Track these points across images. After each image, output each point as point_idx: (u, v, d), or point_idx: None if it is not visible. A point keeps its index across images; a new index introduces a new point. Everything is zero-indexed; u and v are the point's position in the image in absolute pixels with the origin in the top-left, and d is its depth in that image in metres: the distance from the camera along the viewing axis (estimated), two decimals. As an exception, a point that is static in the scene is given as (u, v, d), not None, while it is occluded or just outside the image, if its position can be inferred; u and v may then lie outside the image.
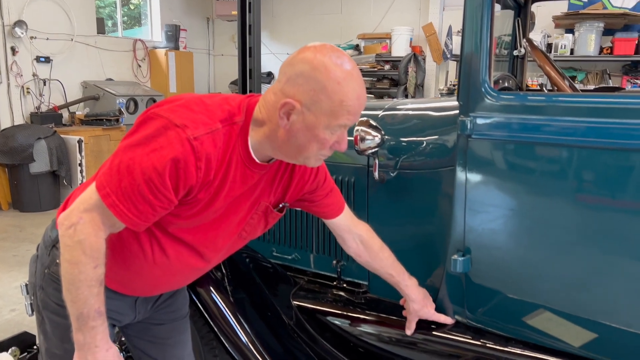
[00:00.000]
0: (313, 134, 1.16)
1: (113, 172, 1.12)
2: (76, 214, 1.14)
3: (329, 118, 1.15)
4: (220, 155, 1.17)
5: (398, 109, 1.97)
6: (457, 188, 1.55)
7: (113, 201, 1.11)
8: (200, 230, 1.29)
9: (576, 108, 1.38)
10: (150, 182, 1.09)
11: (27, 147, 5.39)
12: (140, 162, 1.09)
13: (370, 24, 7.79)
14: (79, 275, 1.13)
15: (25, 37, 6.12)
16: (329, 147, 1.20)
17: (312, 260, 2.09)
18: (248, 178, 1.26)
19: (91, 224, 1.13)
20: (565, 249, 1.46)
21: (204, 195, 1.19)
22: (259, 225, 1.41)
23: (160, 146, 1.09)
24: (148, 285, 1.40)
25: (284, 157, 1.26)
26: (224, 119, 1.18)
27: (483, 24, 1.43)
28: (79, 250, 1.13)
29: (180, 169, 1.10)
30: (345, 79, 1.14)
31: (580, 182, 1.41)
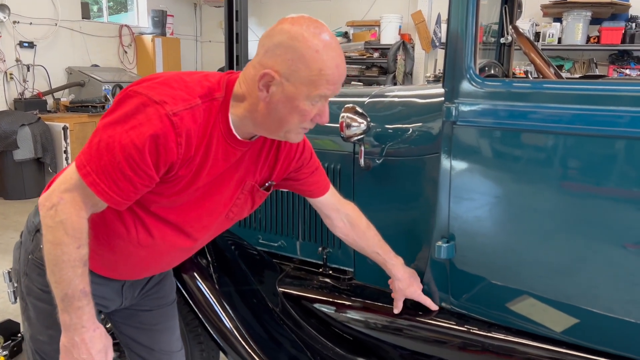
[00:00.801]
0: (293, 105, 1.15)
1: (92, 150, 1.11)
2: (57, 195, 1.13)
3: (309, 88, 1.13)
4: (201, 132, 1.16)
5: (384, 95, 1.96)
6: (442, 175, 1.55)
7: (93, 179, 1.10)
8: (184, 210, 1.28)
9: (561, 95, 1.38)
10: (130, 159, 1.09)
11: (11, 134, 5.31)
12: (120, 140, 1.08)
13: (359, 11, 7.74)
14: (62, 256, 1.13)
15: (8, 22, 5.99)
16: (310, 119, 1.19)
17: (298, 247, 2.09)
18: (230, 155, 1.25)
19: (72, 204, 1.12)
20: (549, 236, 1.47)
21: (184, 172, 1.18)
22: (246, 205, 1.41)
23: (140, 123, 1.09)
24: (135, 267, 1.39)
25: (265, 132, 1.25)
26: (204, 95, 1.17)
27: (469, 10, 1.42)
28: (61, 230, 1.12)
29: (160, 145, 1.09)
30: (323, 48, 1.12)
31: (565, 169, 1.42)
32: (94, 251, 1.27)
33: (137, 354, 1.59)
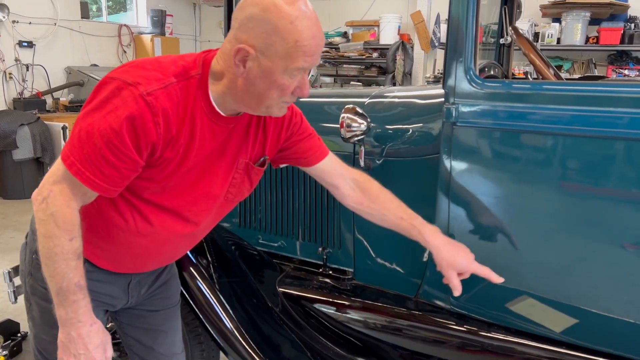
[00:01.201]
0: (271, 79, 1.12)
1: (74, 140, 1.12)
2: (46, 187, 1.13)
3: (285, 61, 1.10)
4: (181, 111, 1.15)
5: (384, 96, 1.97)
6: (442, 175, 1.55)
7: (78, 169, 1.10)
8: (178, 194, 1.26)
9: (561, 96, 1.39)
10: (110, 144, 1.08)
11: (10, 134, 5.30)
12: (98, 126, 1.08)
13: (358, 11, 7.74)
14: (55, 249, 1.12)
15: (7, 21, 5.99)
16: (291, 93, 1.16)
17: (298, 247, 2.10)
18: (216, 133, 1.23)
19: (62, 196, 1.12)
20: (548, 236, 1.48)
21: (170, 154, 1.17)
22: (244, 185, 1.38)
23: (116, 107, 1.08)
24: (139, 258, 1.37)
25: (246, 108, 1.22)
26: (179, 74, 1.15)
27: (469, 11, 1.42)
28: (52, 223, 1.12)
29: (137, 126, 1.09)
30: (298, 18, 1.08)
31: (565, 170, 1.42)
32: (95, 245, 1.28)
33: (139, 355, 1.59)
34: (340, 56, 7.68)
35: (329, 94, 2.34)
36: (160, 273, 1.55)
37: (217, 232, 2.07)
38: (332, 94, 2.37)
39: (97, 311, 1.38)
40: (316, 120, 2.08)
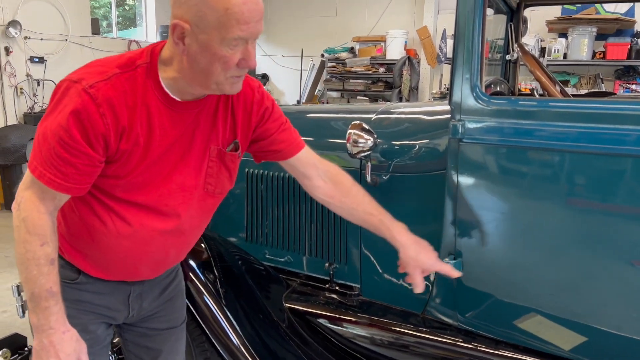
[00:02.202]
0: (211, 53, 1.10)
1: (35, 146, 1.15)
2: (19, 195, 1.17)
3: (220, 31, 1.08)
4: (130, 100, 1.15)
5: (391, 112, 1.98)
6: (449, 191, 1.55)
7: (40, 172, 1.13)
8: (151, 188, 1.24)
9: (567, 113, 1.39)
10: (62, 141, 1.11)
11: (20, 148, 5.36)
12: (50, 127, 1.12)
13: (365, 26, 7.81)
14: (26, 254, 1.13)
15: (19, 37, 6.09)
16: (236, 65, 1.12)
17: (304, 262, 2.10)
18: (177, 121, 1.22)
19: (31, 201, 1.15)
20: (555, 252, 1.47)
21: (127, 145, 1.17)
22: (222, 174, 1.34)
23: (64, 105, 1.11)
24: (127, 263, 1.33)
25: (199, 88, 1.19)
26: (123, 65, 1.17)
27: (475, 29, 1.44)
28: (24, 228, 1.14)
29: (83, 119, 1.10)
30: None
31: (571, 186, 1.42)
32: (85, 253, 1.29)
33: None
34: (347, 71, 7.74)
35: (336, 110, 2.36)
36: (166, 287, 1.52)
37: (223, 247, 2.08)
38: (338, 109, 2.39)
39: (97, 324, 1.38)
40: (323, 135, 2.10)
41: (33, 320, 1.16)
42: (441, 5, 7.20)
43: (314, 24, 8.30)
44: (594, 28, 5.76)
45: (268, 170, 2.15)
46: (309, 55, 8.20)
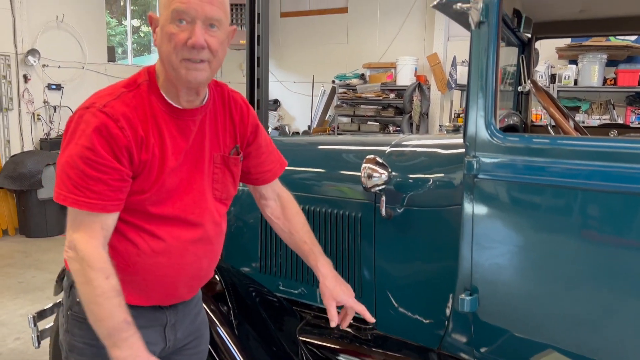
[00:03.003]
0: (164, 32, 1.21)
1: (62, 177, 1.18)
2: (70, 239, 1.19)
3: (167, 9, 1.19)
4: (141, 114, 1.23)
5: (405, 145, 1.99)
6: (465, 227, 1.55)
7: (73, 199, 1.16)
8: (175, 199, 1.30)
9: (580, 151, 1.40)
10: (88, 161, 1.15)
11: (36, 174, 5.44)
12: (74, 152, 1.16)
13: (375, 53, 7.91)
14: (95, 291, 1.16)
15: (38, 65, 6.25)
16: (183, 43, 1.19)
17: (318, 294, 2.09)
18: (184, 128, 1.30)
19: (82, 239, 1.18)
20: (572, 289, 1.46)
21: (147, 155, 1.23)
22: (226, 179, 1.42)
23: (83, 130, 1.17)
24: (167, 283, 1.37)
25: (170, 78, 1.26)
26: (127, 85, 1.26)
27: (489, 66, 1.46)
28: (86, 267, 1.16)
29: (105, 136, 1.16)
30: None
31: (587, 223, 1.42)
32: (123, 282, 1.29)
33: None
34: (357, 97, 7.81)
35: (349, 142, 2.38)
36: (195, 318, 1.54)
37: (237, 278, 2.08)
38: (351, 141, 2.41)
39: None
40: (336, 167, 2.12)
41: (117, 355, 1.17)
42: (451, 32, 7.28)
43: (324, 50, 8.42)
44: (604, 55, 5.78)
45: (282, 201, 2.16)
46: (320, 81, 8.30)
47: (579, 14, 2.17)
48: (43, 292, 4.07)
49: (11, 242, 5.48)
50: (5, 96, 6.01)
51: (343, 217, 1.99)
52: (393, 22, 7.72)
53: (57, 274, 2.08)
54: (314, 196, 2.09)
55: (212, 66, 1.25)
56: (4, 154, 5.99)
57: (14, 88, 6.09)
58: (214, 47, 1.22)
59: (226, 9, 1.26)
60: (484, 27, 1.44)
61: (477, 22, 1.41)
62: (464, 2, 1.41)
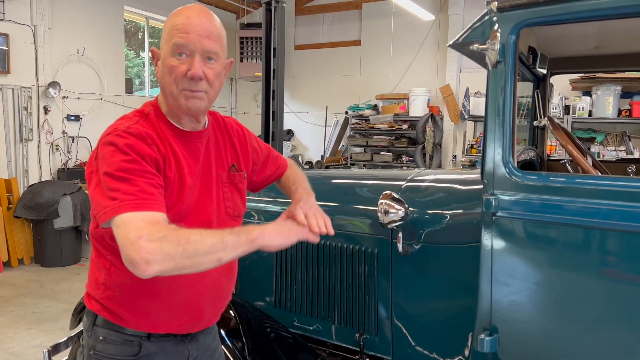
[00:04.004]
0: (164, 65, 1.30)
1: (103, 195, 1.18)
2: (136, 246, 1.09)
3: (167, 43, 1.28)
4: (156, 137, 1.29)
5: (421, 180, 1.99)
6: (484, 265, 1.54)
7: (128, 205, 1.14)
8: (193, 217, 1.34)
9: (598, 191, 1.38)
10: (132, 170, 1.19)
11: (53, 203, 5.51)
12: (112, 169, 1.19)
13: (388, 84, 7.99)
14: (195, 236, 1.14)
15: (58, 97, 6.40)
16: (183, 75, 1.27)
17: (333, 331, 2.07)
18: (193, 149, 1.38)
19: (149, 230, 1.11)
20: (593, 329, 1.43)
21: (170, 173, 1.29)
22: (235, 196, 1.48)
23: (112, 151, 1.22)
24: (193, 305, 1.39)
25: (171, 106, 1.34)
26: (138, 114, 1.35)
27: (506, 106, 1.46)
28: (174, 238, 1.11)
29: (136, 150, 1.22)
30: (179, 11, 1.31)
31: (608, 262, 1.40)
32: (148, 312, 1.33)
33: None
34: (370, 127, 7.86)
35: (364, 176, 2.38)
36: (213, 352, 1.55)
37: (252, 314, 2.07)
38: (366, 175, 2.41)
39: None
40: (351, 202, 2.11)
41: (254, 234, 1.21)
42: (463, 64, 7.34)
43: (338, 82, 8.53)
44: (618, 87, 5.78)
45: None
46: (333, 112, 8.39)
47: (594, 49, 2.18)
48: (57, 322, 4.06)
49: (26, 271, 5.51)
50: (25, 127, 6.14)
51: (359, 252, 1.98)
52: (406, 54, 7.82)
53: (70, 304, 2.08)
54: (330, 230, 2.08)
55: (209, 96, 1.34)
56: (22, 184, 6.09)
57: (34, 119, 6.23)
58: (211, 78, 1.32)
59: (223, 43, 1.35)
60: (500, 66, 1.45)
61: (494, 63, 1.42)
62: (481, 42, 1.43)
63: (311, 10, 8.76)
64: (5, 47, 5.84)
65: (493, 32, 1.42)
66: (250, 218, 2.32)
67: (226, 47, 1.37)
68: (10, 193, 5.68)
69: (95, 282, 1.39)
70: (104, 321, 1.36)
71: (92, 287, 1.40)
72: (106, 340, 1.35)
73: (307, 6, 8.79)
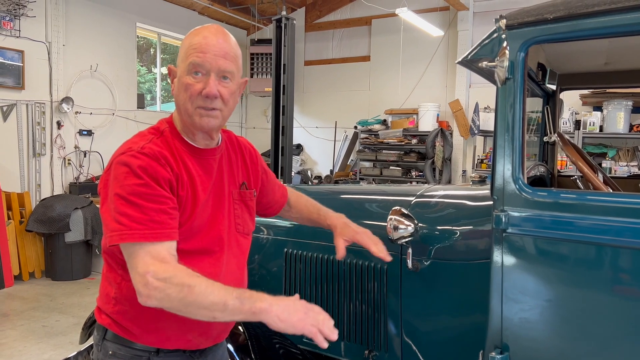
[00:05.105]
0: (180, 83, 1.32)
1: (114, 219, 1.20)
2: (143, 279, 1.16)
3: (185, 62, 1.31)
4: (170, 155, 1.31)
5: (431, 196, 1.99)
6: (494, 282, 1.52)
7: (138, 234, 1.18)
8: (203, 234, 1.36)
9: (608, 207, 1.37)
10: (144, 195, 1.20)
11: (65, 217, 5.56)
12: (125, 192, 1.21)
13: (397, 99, 8.01)
14: (200, 288, 1.15)
15: (71, 112, 6.49)
16: (198, 93, 1.30)
17: (342, 348, 2.05)
18: (207, 166, 1.39)
19: (157, 266, 1.16)
20: (606, 347, 1.41)
21: (183, 192, 1.31)
22: (244, 213, 1.51)
23: (126, 172, 1.23)
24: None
25: (191, 128, 1.37)
26: (153, 132, 1.37)
27: (515, 123, 1.46)
28: (178, 281, 1.15)
29: (151, 173, 1.23)
30: (197, 30, 1.34)
31: (620, 279, 1.39)
32: (162, 328, 1.33)
33: None
34: (379, 142, 7.87)
35: (373, 191, 2.38)
36: None
37: (260, 330, 2.06)
38: (376, 191, 2.41)
39: None
40: (360, 217, 2.11)
41: (261, 305, 1.16)
42: (473, 79, 7.35)
43: (347, 97, 8.58)
44: (629, 102, 5.75)
45: (306, 250, 2.16)
46: (343, 126, 8.42)
47: (603, 66, 2.18)
48: (66, 336, 4.07)
49: (37, 285, 5.55)
50: (39, 142, 6.23)
51: (368, 268, 1.97)
52: (415, 70, 7.86)
53: (80, 318, 2.09)
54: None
55: (224, 114, 1.37)
56: (34, 198, 6.16)
57: (47, 134, 6.32)
58: (226, 97, 1.34)
59: (239, 63, 1.38)
60: (509, 83, 1.45)
61: (503, 79, 1.43)
62: (490, 60, 1.44)
63: (321, 27, 8.85)
64: (21, 64, 5.95)
65: (502, 49, 1.43)
66: (260, 233, 2.32)
67: (241, 66, 1.40)
68: (22, 207, 5.74)
69: (106, 296, 1.40)
70: (113, 336, 1.36)
71: (103, 301, 1.41)
72: (115, 355, 1.35)
73: (316, 22, 8.89)
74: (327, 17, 8.80)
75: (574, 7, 1.36)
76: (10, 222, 5.54)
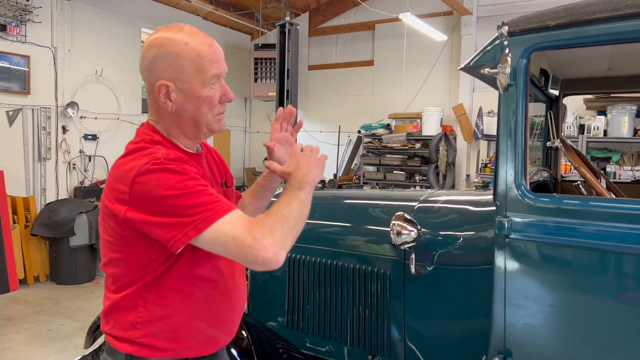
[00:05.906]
0: (196, 97, 1.27)
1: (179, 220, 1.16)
2: (258, 246, 1.15)
3: (199, 75, 1.25)
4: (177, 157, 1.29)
5: (434, 201, 1.99)
6: (497, 288, 1.53)
7: (206, 216, 1.15)
8: None
9: (611, 214, 1.38)
10: (194, 185, 1.18)
11: (69, 221, 5.58)
12: (176, 192, 1.16)
13: (401, 104, 8.02)
14: (287, 214, 1.20)
15: (76, 117, 6.53)
16: (218, 102, 1.30)
17: (345, 353, 2.05)
18: (201, 168, 1.38)
19: (255, 229, 1.16)
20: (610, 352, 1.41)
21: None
22: None
23: (156, 178, 1.17)
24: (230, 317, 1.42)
25: (190, 135, 1.34)
26: (151, 143, 1.29)
27: (517, 129, 1.47)
28: (280, 226, 1.18)
29: (187, 170, 1.21)
30: (189, 37, 1.26)
31: (623, 285, 1.39)
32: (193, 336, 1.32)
33: None
34: (383, 146, 7.87)
35: (376, 196, 2.39)
36: None
37: (264, 335, 2.07)
38: (379, 196, 2.42)
39: None
40: (364, 222, 2.12)
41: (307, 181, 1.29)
42: (476, 84, 7.35)
43: (350, 101, 8.59)
44: (633, 106, 5.74)
45: (310, 255, 2.17)
46: (346, 131, 8.43)
47: (606, 71, 2.18)
48: (70, 340, 4.09)
49: (42, 288, 5.57)
50: (44, 146, 6.27)
51: (372, 273, 1.98)
52: (418, 74, 7.87)
53: (84, 322, 2.10)
54: (341, 251, 2.09)
55: None
56: (40, 202, 6.19)
57: (53, 138, 6.36)
58: None
59: None
60: (512, 89, 1.46)
61: (505, 86, 1.43)
62: (492, 66, 1.45)
63: (324, 31, 8.88)
64: (26, 69, 5.99)
65: (504, 55, 1.43)
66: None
67: None
68: (27, 211, 5.77)
69: (126, 323, 1.32)
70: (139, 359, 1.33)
71: (124, 328, 1.33)
72: None
73: (320, 27, 8.92)
74: (330, 22, 8.83)
75: (576, 14, 1.36)
76: (16, 226, 5.57)
